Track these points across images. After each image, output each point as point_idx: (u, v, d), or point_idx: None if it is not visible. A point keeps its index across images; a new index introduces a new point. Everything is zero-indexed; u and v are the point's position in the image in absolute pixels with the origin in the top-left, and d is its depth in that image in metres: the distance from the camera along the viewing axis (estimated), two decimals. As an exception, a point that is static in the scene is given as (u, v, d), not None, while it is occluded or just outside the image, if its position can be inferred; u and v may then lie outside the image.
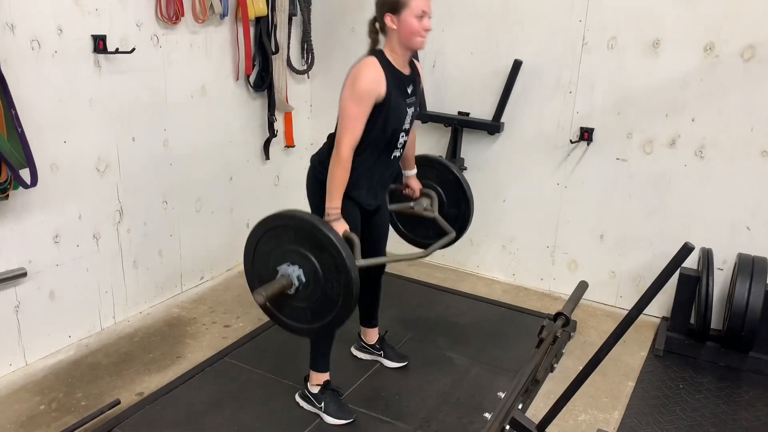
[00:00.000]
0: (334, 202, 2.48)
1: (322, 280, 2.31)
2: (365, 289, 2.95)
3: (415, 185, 3.00)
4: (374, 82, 2.42)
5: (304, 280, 2.33)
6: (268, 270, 2.40)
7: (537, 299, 3.93)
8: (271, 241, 2.38)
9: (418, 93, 2.68)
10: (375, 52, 2.54)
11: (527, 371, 2.40)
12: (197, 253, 3.86)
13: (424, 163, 3.07)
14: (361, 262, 2.46)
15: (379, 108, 2.46)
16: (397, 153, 2.66)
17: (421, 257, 2.80)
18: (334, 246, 2.25)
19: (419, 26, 2.45)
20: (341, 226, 2.47)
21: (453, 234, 2.94)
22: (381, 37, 2.56)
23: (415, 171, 3.00)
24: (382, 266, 2.98)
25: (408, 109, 2.60)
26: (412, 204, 3.01)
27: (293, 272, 2.33)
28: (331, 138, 2.62)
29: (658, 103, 3.45)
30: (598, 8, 3.48)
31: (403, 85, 2.56)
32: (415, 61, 2.68)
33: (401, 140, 2.63)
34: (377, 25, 2.55)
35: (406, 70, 2.58)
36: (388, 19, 2.47)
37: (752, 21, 3.15)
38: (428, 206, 3.02)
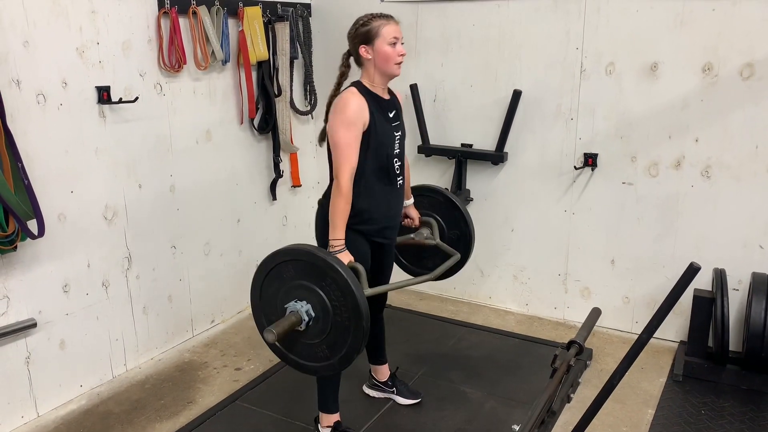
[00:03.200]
0: (337, 234, 2.47)
1: (331, 310, 2.24)
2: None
3: (414, 214, 3.01)
4: (359, 108, 2.47)
5: (313, 314, 2.27)
6: (276, 312, 2.35)
7: (552, 328, 3.88)
8: (275, 282, 2.34)
9: (401, 118, 2.72)
10: (354, 83, 2.59)
11: (541, 403, 2.35)
12: (207, 296, 3.86)
13: (414, 193, 3.08)
14: (369, 291, 2.38)
15: (366, 134, 2.50)
16: (400, 180, 2.69)
17: (429, 280, 2.73)
18: (333, 269, 2.20)
19: (394, 52, 2.52)
20: (345, 257, 2.44)
21: (458, 255, 2.89)
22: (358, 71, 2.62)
23: (412, 200, 3.02)
24: (383, 302, 2.95)
25: (395, 133, 2.63)
26: (412, 235, 3.00)
27: (302, 308, 2.28)
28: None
29: (661, 126, 3.45)
30: (594, 35, 3.51)
31: (385, 111, 2.60)
32: (392, 89, 2.72)
33: (397, 165, 2.65)
34: (351, 58, 2.62)
35: (386, 96, 2.64)
36: (363, 51, 2.54)
37: (749, 40, 3.16)
38: (429, 235, 2.99)
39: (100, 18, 3.03)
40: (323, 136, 2.67)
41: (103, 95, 3.05)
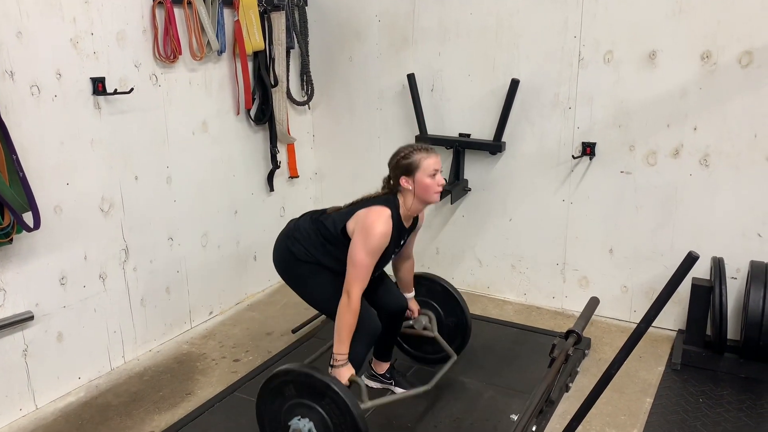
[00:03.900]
0: (342, 348, 2.51)
1: (332, 428, 2.34)
2: (387, 323, 2.95)
3: (414, 306, 3.10)
4: (385, 240, 2.53)
5: None
6: (280, 427, 2.44)
7: (550, 318, 3.88)
8: (277, 398, 2.43)
9: (409, 235, 2.83)
10: (390, 203, 2.62)
11: (540, 392, 2.35)
12: (205, 288, 3.85)
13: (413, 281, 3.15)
14: (367, 404, 2.50)
15: None
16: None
17: (426, 391, 2.81)
18: (331, 390, 2.29)
19: (433, 183, 2.59)
20: (347, 372, 2.51)
21: (454, 357, 3.02)
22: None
23: (413, 294, 3.10)
24: (405, 307, 3.00)
25: (393, 255, 2.75)
26: (411, 322, 3.09)
27: (304, 426, 2.37)
28: (317, 218, 2.72)
29: (659, 114, 3.43)
30: (592, 23, 3.49)
31: (400, 237, 2.69)
32: (420, 213, 2.79)
33: (379, 272, 2.79)
34: (392, 183, 2.67)
35: (408, 223, 2.71)
36: (404, 181, 2.61)
37: (747, 27, 3.14)
38: (427, 324, 3.10)
39: (94, 8, 3.00)
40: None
41: (98, 86, 3.03)
